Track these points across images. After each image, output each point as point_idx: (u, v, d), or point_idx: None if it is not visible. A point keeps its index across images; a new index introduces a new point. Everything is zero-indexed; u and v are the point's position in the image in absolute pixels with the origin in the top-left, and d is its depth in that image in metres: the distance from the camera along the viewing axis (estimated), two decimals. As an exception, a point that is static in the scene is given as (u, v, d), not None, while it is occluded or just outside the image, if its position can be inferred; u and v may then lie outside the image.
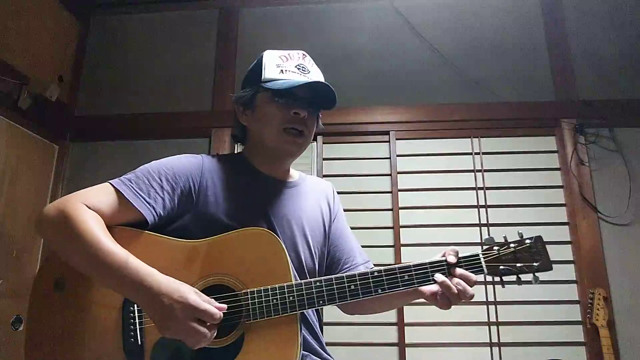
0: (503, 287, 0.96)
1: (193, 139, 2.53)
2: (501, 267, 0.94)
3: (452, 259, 0.95)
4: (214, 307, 0.85)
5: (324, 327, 2.21)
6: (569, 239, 2.25)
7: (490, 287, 2.21)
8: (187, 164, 1.04)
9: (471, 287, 0.93)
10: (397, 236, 2.31)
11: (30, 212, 2.27)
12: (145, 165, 1.02)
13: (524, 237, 0.97)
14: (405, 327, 2.19)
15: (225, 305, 0.88)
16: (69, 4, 2.65)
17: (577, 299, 2.18)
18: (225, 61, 2.65)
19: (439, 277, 0.93)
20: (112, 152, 2.56)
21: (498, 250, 0.95)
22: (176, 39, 2.75)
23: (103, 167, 2.52)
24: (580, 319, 2.15)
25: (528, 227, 2.25)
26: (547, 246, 0.96)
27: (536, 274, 0.94)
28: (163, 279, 0.86)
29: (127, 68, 2.73)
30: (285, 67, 1.05)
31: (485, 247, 0.97)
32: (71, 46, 2.70)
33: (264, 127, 1.06)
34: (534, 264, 0.94)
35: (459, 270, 0.94)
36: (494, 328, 2.17)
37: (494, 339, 2.15)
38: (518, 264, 0.94)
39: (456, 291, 0.92)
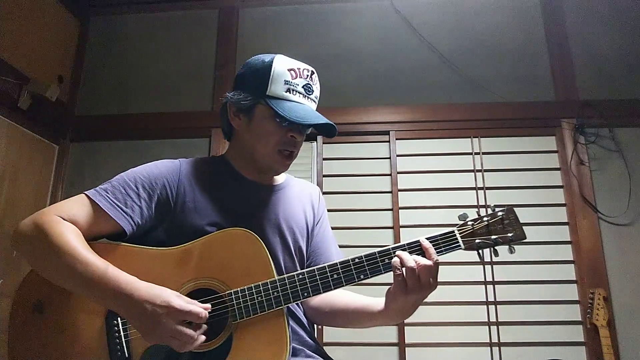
0: (482, 261, 0.95)
1: (193, 139, 2.53)
2: (477, 240, 0.95)
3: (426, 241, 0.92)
4: (198, 307, 0.85)
5: (324, 326, 2.22)
6: (569, 239, 2.25)
7: (490, 287, 2.21)
8: (163, 170, 1.02)
9: (430, 260, 0.88)
10: (397, 236, 2.31)
11: (31, 212, 2.26)
12: (122, 174, 1.00)
13: (496, 209, 0.98)
14: (405, 327, 2.19)
15: (209, 305, 0.88)
16: (69, 4, 2.65)
17: (577, 299, 2.18)
18: (225, 61, 2.65)
19: (399, 253, 0.90)
20: (112, 152, 2.56)
21: (472, 224, 0.97)
22: (176, 39, 2.75)
23: (103, 167, 2.52)
24: (580, 319, 2.15)
25: (528, 227, 2.25)
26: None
27: (511, 244, 0.96)
28: (144, 285, 0.85)
29: (127, 68, 2.73)
30: (293, 85, 1.00)
31: (459, 223, 0.98)
32: (71, 46, 2.70)
33: (257, 142, 1.03)
34: (508, 234, 0.96)
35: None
36: (494, 328, 2.17)
37: (494, 339, 2.15)
38: (492, 236, 0.95)
39: (414, 264, 0.86)
